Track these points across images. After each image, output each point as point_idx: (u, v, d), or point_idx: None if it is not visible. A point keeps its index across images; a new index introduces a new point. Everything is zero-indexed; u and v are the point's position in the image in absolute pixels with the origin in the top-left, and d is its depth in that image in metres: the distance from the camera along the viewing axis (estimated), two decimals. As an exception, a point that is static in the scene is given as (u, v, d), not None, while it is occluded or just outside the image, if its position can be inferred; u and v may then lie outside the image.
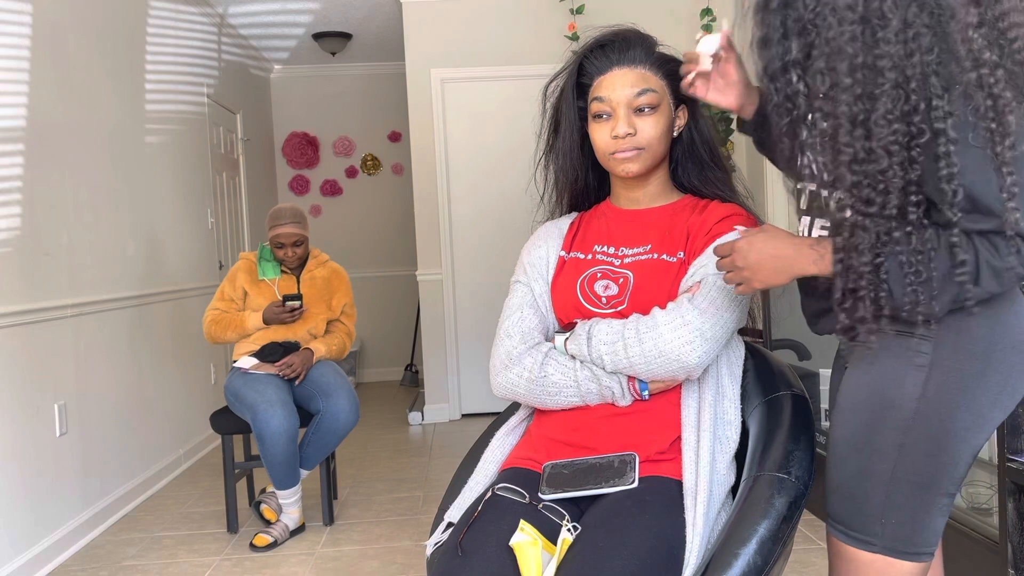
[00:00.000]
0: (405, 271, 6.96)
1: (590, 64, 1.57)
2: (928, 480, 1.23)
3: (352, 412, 3.25)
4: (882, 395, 1.24)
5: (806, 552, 2.80)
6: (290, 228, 3.35)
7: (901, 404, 1.23)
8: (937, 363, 1.21)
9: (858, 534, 1.28)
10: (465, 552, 1.34)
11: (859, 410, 1.28)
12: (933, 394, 1.21)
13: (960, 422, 1.21)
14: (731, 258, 1.31)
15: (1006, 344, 1.21)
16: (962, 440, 1.22)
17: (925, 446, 1.22)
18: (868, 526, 1.27)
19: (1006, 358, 1.21)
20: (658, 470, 1.45)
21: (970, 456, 1.24)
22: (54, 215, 3.25)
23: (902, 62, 1.09)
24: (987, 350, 1.20)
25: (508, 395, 1.58)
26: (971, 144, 1.08)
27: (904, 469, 1.24)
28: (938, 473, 1.23)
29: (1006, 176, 1.08)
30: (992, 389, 1.21)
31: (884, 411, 1.24)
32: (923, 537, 1.26)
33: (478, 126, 5.30)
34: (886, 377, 1.24)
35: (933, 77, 1.08)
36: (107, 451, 3.59)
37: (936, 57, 1.08)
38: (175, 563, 3.05)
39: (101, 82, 3.75)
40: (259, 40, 6.15)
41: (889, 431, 1.24)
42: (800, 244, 1.25)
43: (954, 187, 1.09)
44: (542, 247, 1.66)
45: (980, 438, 1.23)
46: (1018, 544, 2.01)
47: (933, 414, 1.21)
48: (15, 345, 2.94)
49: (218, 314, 3.38)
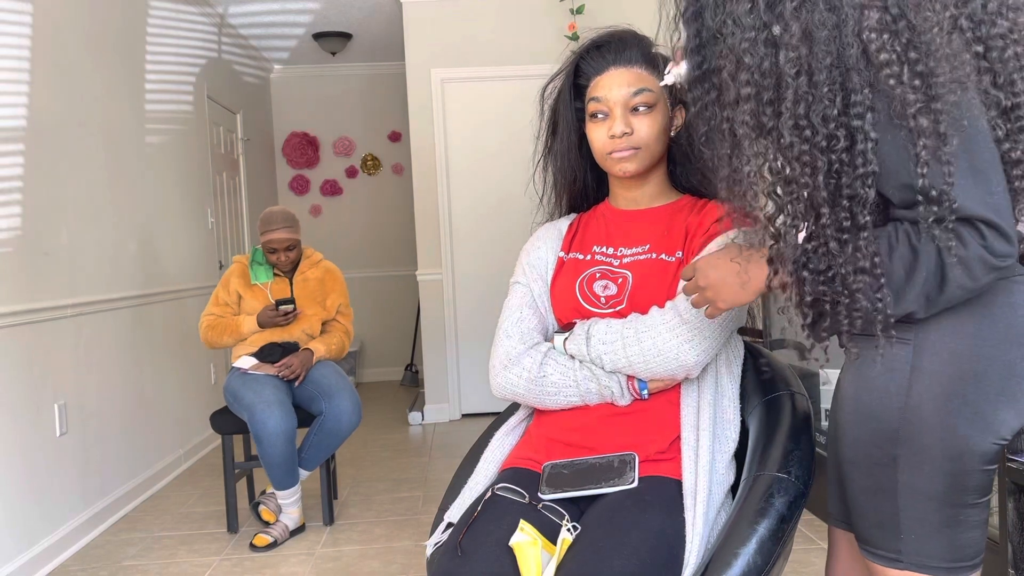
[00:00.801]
0: (405, 271, 6.96)
1: (586, 65, 1.58)
2: (939, 492, 1.15)
3: (355, 413, 3.25)
4: (865, 408, 1.19)
5: (806, 552, 2.80)
6: (282, 233, 3.34)
7: (883, 416, 1.17)
8: (919, 367, 1.15)
9: (882, 551, 1.21)
10: (465, 552, 1.34)
11: (850, 424, 1.22)
12: (917, 402, 1.14)
13: (958, 428, 1.13)
14: (693, 280, 1.27)
15: (1000, 338, 1.13)
16: (965, 447, 1.13)
17: (923, 457, 1.15)
18: (889, 542, 1.20)
19: (1003, 354, 1.13)
20: (658, 470, 1.45)
21: (981, 462, 1.15)
22: (54, 215, 3.25)
23: (811, 66, 1.07)
24: (977, 347, 1.13)
25: (507, 395, 1.58)
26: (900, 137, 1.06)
27: (908, 483, 1.16)
28: (949, 485, 1.15)
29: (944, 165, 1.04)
30: (990, 389, 1.13)
31: (869, 424, 1.19)
32: (955, 552, 1.17)
33: (478, 126, 5.30)
34: (866, 388, 1.19)
35: (854, 73, 1.06)
36: (107, 451, 3.59)
37: (837, 59, 1.06)
38: (175, 563, 3.05)
39: (101, 82, 3.75)
40: (259, 40, 6.15)
41: (879, 445, 1.18)
42: (759, 259, 1.20)
43: (869, 185, 1.06)
44: (541, 248, 1.67)
45: (987, 442, 1.14)
46: (1018, 544, 2.01)
47: (921, 423, 1.14)
48: (15, 345, 2.94)
49: (213, 319, 3.38)
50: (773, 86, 1.10)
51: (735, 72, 1.13)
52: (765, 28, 1.11)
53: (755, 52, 1.11)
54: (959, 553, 1.18)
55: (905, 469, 1.16)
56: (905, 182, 1.07)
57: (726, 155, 1.17)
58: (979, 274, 1.07)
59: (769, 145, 1.12)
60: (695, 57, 1.20)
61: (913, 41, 1.05)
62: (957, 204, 1.04)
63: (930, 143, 1.04)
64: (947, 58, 1.05)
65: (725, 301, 1.24)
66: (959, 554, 1.18)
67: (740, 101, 1.12)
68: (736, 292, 1.23)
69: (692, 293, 1.29)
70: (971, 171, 1.05)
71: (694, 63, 1.20)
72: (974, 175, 1.05)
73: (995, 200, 1.05)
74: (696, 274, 1.27)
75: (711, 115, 1.18)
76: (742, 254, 1.23)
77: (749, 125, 1.12)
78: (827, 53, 1.07)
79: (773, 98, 1.10)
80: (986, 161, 1.06)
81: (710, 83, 1.18)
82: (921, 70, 1.04)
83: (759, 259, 1.21)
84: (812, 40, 1.07)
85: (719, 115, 1.17)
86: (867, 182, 1.07)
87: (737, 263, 1.23)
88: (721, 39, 1.15)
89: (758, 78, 1.10)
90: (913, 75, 1.04)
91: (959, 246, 1.05)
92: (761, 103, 1.11)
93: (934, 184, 1.04)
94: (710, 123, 1.19)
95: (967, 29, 1.10)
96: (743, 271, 1.22)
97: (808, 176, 1.09)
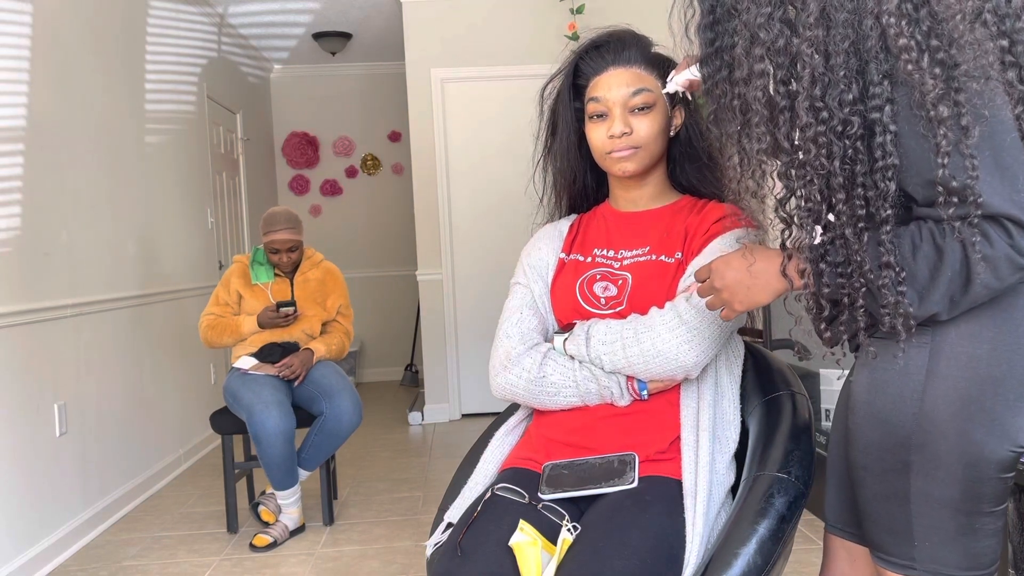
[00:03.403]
0: (405, 271, 6.96)
1: (586, 65, 1.58)
2: (954, 500, 1.12)
3: (355, 414, 3.25)
4: (879, 412, 1.16)
5: (806, 552, 2.79)
6: (285, 234, 3.34)
7: (897, 421, 1.13)
8: (934, 371, 1.11)
9: (896, 559, 1.18)
10: (464, 552, 1.34)
11: (862, 428, 1.19)
12: (932, 407, 1.11)
13: (973, 435, 1.09)
14: (709, 281, 1.25)
15: (1020, 344, 1.09)
16: (980, 454, 1.09)
17: (937, 464, 1.11)
18: (903, 549, 1.17)
19: (1023, 359, 1.09)
20: (658, 470, 1.45)
21: (998, 470, 1.11)
22: (54, 215, 3.25)
23: (827, 48, 1.05)
24: (996, 352, 1.09)
25: (507, 396, 1.58)
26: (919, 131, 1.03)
27: (921, 489, 1.13)
28: (963, 492, 1.11)
29: (967, 158, 1.01)
30: (1008, 395, 1.09)
31: (882, 428, 1.15)
32: (970, 560, 1.14)
33: (478, 126, 5.30)
34: (880, 393, 1.16)
35: (872, 64, 1.03)
36: (107, 451, 3.59)
37: (855, 44, 1.04)
38: (175, 563, 3.05)
39: (101, 82, 3.75)
40: (259, 40, 6.15)
41: (891, 450, 1.15)
42: (776, 258, 1.18)
43: (890, 179, 1.04)
44: (542, 249, 1.67)
45: (1003, 450, 1.10)
46: (1018, 544, 2.01)
47: (936, 429, 1.11)
48: (15, 345, 2.94)
49: (213, 319, 3.38)
50: (787, 64, 1.08)
51: (749, 48, 1.11)
52: (781, 5, 1.09)
53: (770, 28, 1.09)
54: (974, 561, 1.15)
55: (919, 475, 1.13)
56: (928, 178, 1.04)
57: (735, 132, 1.15)
58: (1006, 274, 1.04)
59: (782, 124, 1.09)
60: (708, 33, 1.18)
61: (934, 29, 1.02)
62: (983, 200, 1.01)
63: (951, 134, 1.01)
64: (970, 45, 1.02)
65: (742, 302, 1.22)
66: (974, 562, 1.15)
67: (753, 77, 1.11)
68: (753, 294, 1.21)
69: (707, 295, 1.27)
70: (996, 167, 1.01)
71: (706, 39, 1.18)
72: (1000, 171, 1.01)
73: (1022, 198, 1.01)
74: (712, 275, 1.24)
75: (721, 92, 1.17)
76: (752, 248, 1.21)
77: (760, 102, 1.10)
78: (845, 37, 1.05)
79: (787, 77, 1.09)
80: (1013, 157, 1.02)
81: (722, 60, 1.16)
82: (942, 58, 1.01)
83: (768, 250, 1.19)
84: (830, 22, 1.05)
85: (730, 92, 1.15)
86: (887, 175, 1.04)
87: (747, 258, 1.21)
88: (736, 15, 1.14)
89: (773, 55, 1.09)
90: (933, 63, 1.01)
91: (985, 244, 1.02)
92: (775, 81, 1.09)
93: (956, 176, 1.01)
94: (720, 101, 1.17)
95: (991, 23, 1.07)
96: (751, 264, 1.20)
97: (824, 158, 1.07)
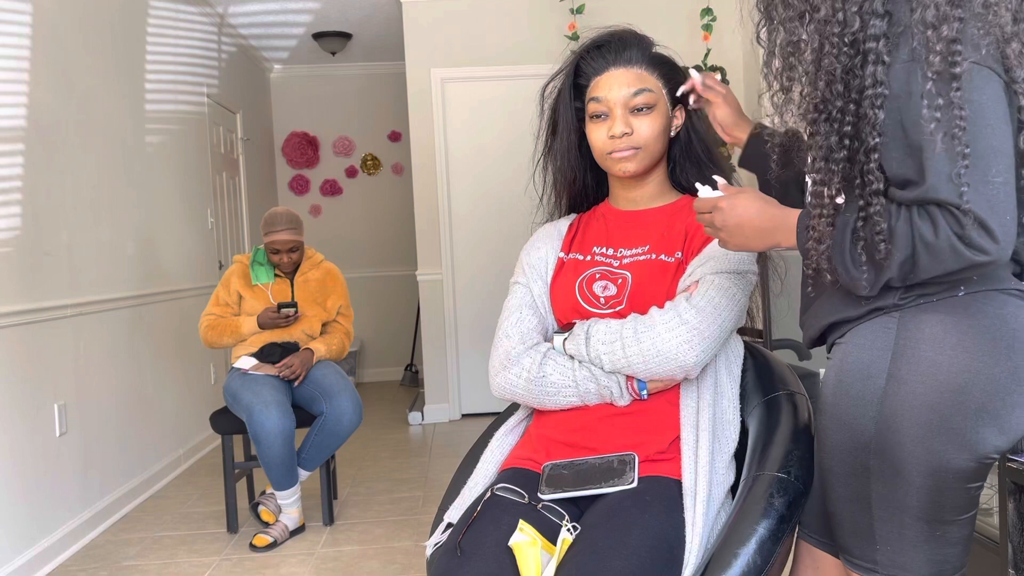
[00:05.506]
0: (405, 271, 6.96)
1: (587, 65, 1.58)
2: (914, 507, 1.11)
3: (355, 414, 3.25)
4: (842, 415, 1.16)
5: (806, 552, 2.79)
6: (286, 235, 3.34)
7: (856, 425, 1.13)
8: (895, 375, 1.10)
9: (859, 560, 1.19)
10: (464, 552, 1.34)
11: (827, 431, 1.20)
12: (891, 412, 1.10)
13: (932, 443, 1.07)
14: (710, 216, 1.26)
15: (985, 351, 1.07)
16: (939, 464, 1.08)
17: (896, 470, 1.11)
18: (866, 552, 1.17)
19: (988, 367, 1.07)
20: (657, 470, 1.45)
21: (960, 481, 1.09)
22: (54, 215, 3.25)
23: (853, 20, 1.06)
24: (959, 360, 1.07)
25: (507, 395, 1.58)
26: None
27: (882, 494, 1.13)
28: (924, 500, 1.10)
29: None
30: (969, 404, 1.07)
31: (844, 431, 1.16)
32: (933, 566, 1.13)
33: (478, 126, 5.30)
34: (843, 395, 1.16)
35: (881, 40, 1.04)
36: (107, 451, 3.59)
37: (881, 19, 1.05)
38: (175, 563, 3.05)
39: (101, 82, 3.75)
40: (259, 40, 6.15)
41: (852, 452, 1.15)
42: (786, 214, 1.19)
43: (879, 107, 1.04)
44: (541, 248, 1.67)
45: (963, 460, 1.08)
46: (1018, 544, 2.01)
47: (893, 435, 1.10)
48: (15, 345, 2.94)
49: (213, 319, 3.38)
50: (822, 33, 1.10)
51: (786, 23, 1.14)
52: None
53: None
54: (937, 568, 1.14)
55: (878, 480, 1.13)
56: (896, 155, 1.04)
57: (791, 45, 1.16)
58: (949, 263, 1.01)
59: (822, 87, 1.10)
60: None
61: None
62: (927, 184, 1.00)
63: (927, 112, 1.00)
64: (978, 17, 1.02)
65: (736, 245, 1.24)
66: (937, 568, 1.14)
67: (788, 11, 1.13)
68: (749, 240, 1.22)
69: (706, 224, 1.28)
70: (961, 154, 0.99)
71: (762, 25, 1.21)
72: (965, 159, 0.99)
73: (990, 191, 0.99)
74: (715, 213, 1.25)
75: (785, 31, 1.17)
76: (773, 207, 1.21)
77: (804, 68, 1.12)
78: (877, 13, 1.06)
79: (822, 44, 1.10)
80: (989, 147, 0.99)
81: None
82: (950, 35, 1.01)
83: (791, 216, 1.18)
84: None
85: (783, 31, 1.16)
86: (876, 103, 1.04)
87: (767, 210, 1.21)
88: None
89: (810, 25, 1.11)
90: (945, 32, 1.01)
91: (930, 230, 1.01)
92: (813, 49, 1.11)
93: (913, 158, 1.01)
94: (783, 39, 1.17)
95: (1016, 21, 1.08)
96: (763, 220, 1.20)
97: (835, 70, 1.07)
